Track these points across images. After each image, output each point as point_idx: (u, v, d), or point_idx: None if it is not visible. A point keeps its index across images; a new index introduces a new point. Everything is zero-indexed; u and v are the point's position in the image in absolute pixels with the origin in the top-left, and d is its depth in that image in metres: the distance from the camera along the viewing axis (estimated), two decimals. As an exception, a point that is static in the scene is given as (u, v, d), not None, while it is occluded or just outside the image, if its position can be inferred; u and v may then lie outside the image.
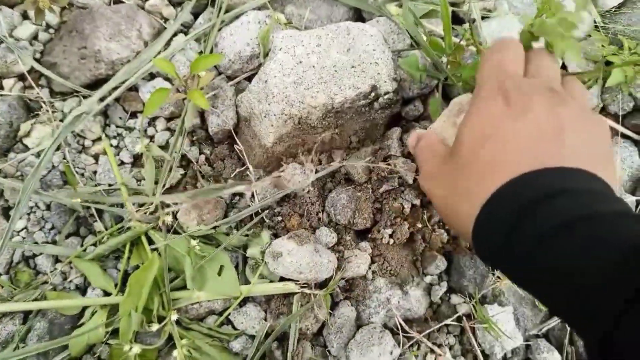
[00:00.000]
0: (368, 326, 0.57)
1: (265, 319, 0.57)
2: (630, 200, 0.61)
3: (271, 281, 0.59)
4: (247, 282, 0.59)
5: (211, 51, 0.65)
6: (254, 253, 0.59)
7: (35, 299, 0.57)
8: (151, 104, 0.56)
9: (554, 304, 0.28)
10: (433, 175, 0.39)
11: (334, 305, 0.59)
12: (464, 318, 0.59)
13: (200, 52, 0.65)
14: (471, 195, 0.32)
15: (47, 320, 0.56)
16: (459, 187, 0.34)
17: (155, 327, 0.52)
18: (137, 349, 0.54)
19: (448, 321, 0.57)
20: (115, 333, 0.56)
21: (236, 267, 0.60)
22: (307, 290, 0.56)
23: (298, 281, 0.57)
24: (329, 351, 0.57)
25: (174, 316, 0.54)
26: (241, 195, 0.61)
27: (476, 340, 0.58)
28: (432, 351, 0.56)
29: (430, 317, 0.59)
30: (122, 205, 0.59)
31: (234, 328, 0.57)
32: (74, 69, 0.63)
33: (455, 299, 0.59)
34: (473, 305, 0.58)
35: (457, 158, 0.35)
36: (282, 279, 0.58)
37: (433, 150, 0.42)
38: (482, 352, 0.58)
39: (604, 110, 0.66)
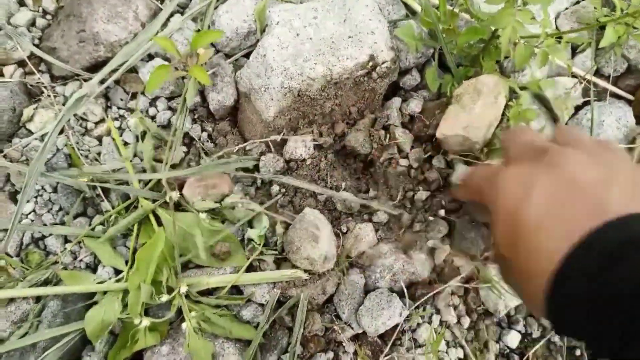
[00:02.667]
0: (375, 291, 0.58)
1: (275, 287, 0.58)
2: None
3: (277, 266, 0.60)
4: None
5: (208, 29, 0.65)
6: (253, 236, 0.60)
7: (47, 279, 0.58)
8: (153, 81, 0.57)
9: None
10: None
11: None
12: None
13: (198, 31, 0.66)
14: (546, 252, 0.28)
15: (60, 299, 0.57)
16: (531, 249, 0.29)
17: (164, 297, 0.53)
18: (146, 322, 0.55)
19: (452, 282, 0.58)
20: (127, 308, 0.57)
21: (242, 240, 0.61)
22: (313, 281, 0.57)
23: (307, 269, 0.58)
24: (339, 317, 0.58)
25: (184, 288, 0.55)
26: (245, 169, 0.62)
27: (480, 299, 0.59)
28: (437, 312, 0.58)
29: (434, 280, 0.60)
30: (127, 184, 0.60)
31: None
32: (73, 52, 0.64)
33: (458, 261, 0.60)
34: (476, 267, 0.59)
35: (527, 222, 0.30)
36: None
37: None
38: (486, 310, 0.59)
39: (597, 73, 0.66)
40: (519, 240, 0.29)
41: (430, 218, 0.60)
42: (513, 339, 0.60)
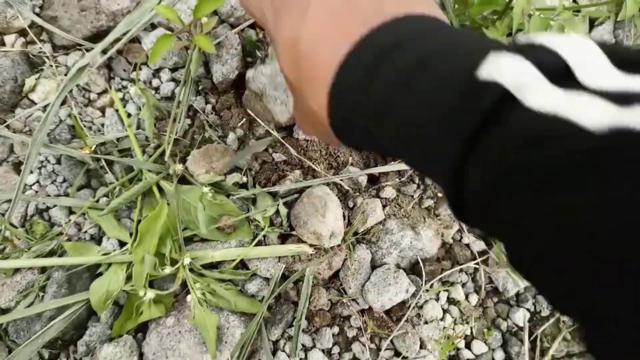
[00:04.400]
0: (382, 267, 0.58)
1: (279, 261, 0.57)
2: None
3: (282, 241, 0.59)
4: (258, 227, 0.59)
5: (213, -2, 0.63)
6: (258, 218, 0.59)
7: (52, 250, 0.58)
8: (156, 51, 0.55)
9: (409, 155, 0.24)
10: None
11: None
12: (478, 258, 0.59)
13: None
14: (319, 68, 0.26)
15: (65, 269, 0.57)
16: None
17: (168, 269, 0.53)
18: (151, 294, 0.55)
19: (467, 264, 0.57)
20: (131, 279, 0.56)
21: (247, 212, 0.60)
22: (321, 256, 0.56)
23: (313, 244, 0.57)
24: (345, 292, 0.58)
25: (187, 259, 0.54)
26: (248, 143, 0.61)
27: (489, 278, 0.58)
28: (445, 289, 0.57)
29: (443, 257, 0.59)
30: (131, 155, 0.60)
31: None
32: (75, 21, 0.62)
33: (467, 238, 0.59)
34: (492, 242, 0.58)
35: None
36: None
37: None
38: (495, 288, 0.58)
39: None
40: (301, 60, 0.27)
41: (440, 194, 0.59)
42: (521, 317, 0.59)
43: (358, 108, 0.25)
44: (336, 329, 0.58)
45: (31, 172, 0.61)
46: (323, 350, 0.57)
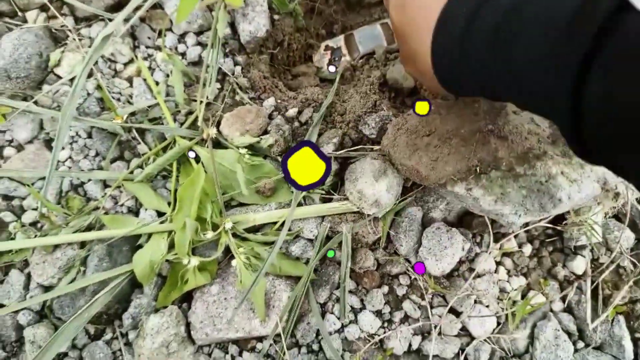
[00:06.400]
0: (431, 227, 0.55)
1: (324, 221, 0.55)
2: None
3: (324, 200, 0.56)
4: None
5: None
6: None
7: (90, 224, 0.57)
8: (182, 10, 0.53)
9: (519, 95, 0.28)
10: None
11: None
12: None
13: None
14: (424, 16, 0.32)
15: (104, 243, 0.56)
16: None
17: (209, 234, 0.52)
18: (195, 261, 0.53)
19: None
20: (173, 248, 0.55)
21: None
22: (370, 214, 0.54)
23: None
24: (396, 252, 0.55)
25: (229, 224, 0.52)
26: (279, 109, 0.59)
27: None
28: (495, 240, 0.54)
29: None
30: (163, 124, 0.58)
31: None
32: (95, -9, 0.60)
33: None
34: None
35: None
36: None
37: None
38: (549, 235, 0.55)
39: None
40: (407, 5, 0.32)
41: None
42: (578, 265, 0.56)
43: (468, 37, 0.28)
44: (386, 289, 0.56)
45: (63, 148, 0.59)
46: (374, 312, 0.55)
